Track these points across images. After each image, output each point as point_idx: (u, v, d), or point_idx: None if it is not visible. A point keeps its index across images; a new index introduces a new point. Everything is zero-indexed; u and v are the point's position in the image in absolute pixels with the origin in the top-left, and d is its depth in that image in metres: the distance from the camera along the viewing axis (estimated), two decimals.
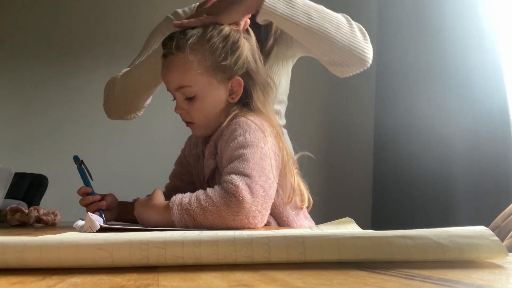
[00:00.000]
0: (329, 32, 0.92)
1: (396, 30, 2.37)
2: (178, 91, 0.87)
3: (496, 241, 0.33)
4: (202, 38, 0.85)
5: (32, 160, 2.70)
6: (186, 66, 0.84)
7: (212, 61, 0.85)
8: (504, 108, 1.77)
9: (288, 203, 0.87)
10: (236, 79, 0.87)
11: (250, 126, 0.81)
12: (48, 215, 1.08)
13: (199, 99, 0.87)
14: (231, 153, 0.79)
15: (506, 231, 0.80)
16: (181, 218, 0.73)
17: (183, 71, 0.85)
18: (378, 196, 2.47)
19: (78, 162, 0.90)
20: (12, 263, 0.32)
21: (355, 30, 0.95)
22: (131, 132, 2.85)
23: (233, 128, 0.82)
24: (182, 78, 0.85)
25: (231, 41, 0.87)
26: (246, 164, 0.75)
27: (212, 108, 0.88)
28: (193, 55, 0.84)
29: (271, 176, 0.77)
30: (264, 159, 0.77)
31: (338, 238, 0.34)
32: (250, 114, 0.86)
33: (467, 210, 1.88)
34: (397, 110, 2.28)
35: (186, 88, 0.86)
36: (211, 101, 0.87)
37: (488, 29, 1.84)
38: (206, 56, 0.84)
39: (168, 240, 0.33)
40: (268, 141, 0.80)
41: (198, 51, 0.84)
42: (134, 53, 1.29)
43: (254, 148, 0.77)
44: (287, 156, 0.86)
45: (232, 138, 0.81)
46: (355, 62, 0.97)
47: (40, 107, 2.83)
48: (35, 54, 2.87)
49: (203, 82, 0.85)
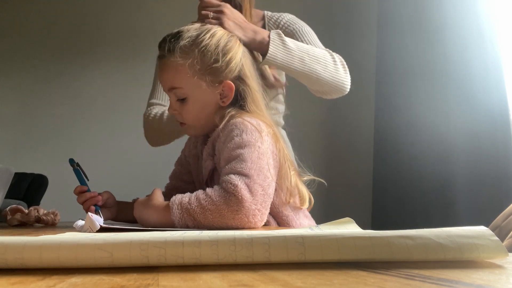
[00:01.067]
0: (318, 73, 1.07)
1: (396, 30, 2.37)
2: (170, 91, 0.90)
3: (496, 241, 0.33)
4: (194, 42, 0.87)
5: (32, 160, 2.70)
6: (177, 68, 0.87)
7: (202, 64, 0.86)
8: (504, 108, 1.77)
9: (285, 203, 0.87)
10: (227, 83, 0.88)
11: (247, 127, 0.82)
12: (48, 215, 1.08)
13: (190, 101, 0.89)
14: (228, 154, 0.79)
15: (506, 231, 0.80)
16: (181, 218, 0.73)
17: (174, 73, 0.87)
18: (378, 196, 2.47)
19: (73, 164, 0.92)
20: (12, 263, 0.32)
21: (338, 66, 1.11)
22: (131, 132, 2.85)
23: (230, 129, 0.83)
24: (173, 79, 0.88)
25: (222, 45, 0.88)
26: (244, 164, 0.76)
27: (201, 110, 0.90)
28: (184, 59, 0.86)
29: (269, 175, 0.78)
30: (262, 158, 0.78)
31: (338, 238, 0.34)
32: (247, 115, 0.87)
33: (467, 210, 1.88)
34: (397, 110, 2.28)
35: (177, 89, 0.88)
36: (201, 103, 0.89)
37: (488, 29, 1.84)
38: (196, 60, 0.86)
39: (168, 240, 0.33)
40: (265, 141, 0.81)
41: (189, 54, 0.87)
42: (134, 53, 1.29)
43: (251, 148, 0.78)
44: (284, 158, 0.87)
45: (229, 139, 0.81)
46: (336, 91, 1.15)
47: (40, 107, 2.83)
48: (35, 54, 2.87)
49: (193, 85, 0.87)
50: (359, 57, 2.74)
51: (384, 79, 2.47)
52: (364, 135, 2.68)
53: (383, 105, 2.47)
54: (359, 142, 2.73)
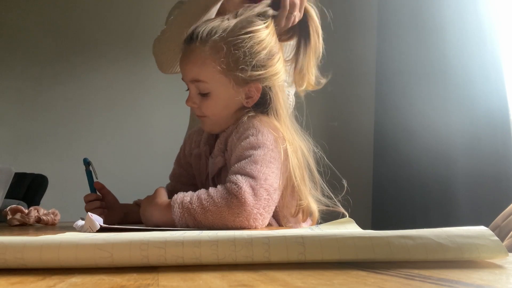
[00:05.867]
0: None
1: (396, 30, 2.37)
2: (192, 83, 0.84)
3: (496, 241, 0.33)
4: (229, 36, 0.81)
5: (32, 160, 2.70)
6: (206, 61, 0.81)
7: (233, 62, 0.81)
8: (504, 108, 1.77)
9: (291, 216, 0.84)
10: (256, 85, 0.84)
11: (264, 128, 0.80)
12: (48, 215, 1.08)
13: (213, 97, 0.84)
14: (241, 152, 0.78)
15: (506, 231, 0.80)
16: (181, 217, 0.72)
17: (201, 65, 0.82)
18: (378, 196, 2.47)
19: (86, 165, 0.92)
20: (12, 263, 0.32)
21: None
22: (131, 132, 2.86)
23: (246, 127, 0.81)
24: (199, 72, 0.82)
25: (261, 47, 0.82)
26: (254, 165, 0.74)
27: (224, 108, 0.86)
28: (214, 52, 0.81)
29: (278, 181, 0.76)
30: (273, 162, 0.76)
31: (338, 238, 0.34)
32: (267, 119, 0.84)
33: (467, 210, 1.88)
34: (397, 110, 2.28)
35: (201, 83, 0.83)
36: (225, 101, 0.85)
37: (488, 29, 1.84)
38: (228, 56, 0.81)
39: (168, 240, 0.33)
40: (279, 145, 0.78)
41: (221, 48, 0.80)
42: (135, 53, 1.29)
43: (264, 150, 0.76)
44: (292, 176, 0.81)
45: (244, 137, 0.79)
46: None
47: (40, 107, 2.83)
48: (35, 54, 2.87)
49: (219, 81, 0.82)
50: (359, 57, 2.75)
51: (384, 79, 2.47)
52: (364, 135, 2.68)
53: (383, 105, 2.47)
54: (359, 142, 2.73)
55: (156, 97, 2.84)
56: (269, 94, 0.86)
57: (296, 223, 0.88)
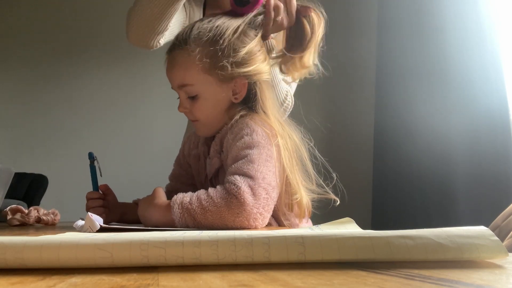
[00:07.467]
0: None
1: (396, 30, 2.37)
2: (180, 89, 0.86)
3: (496, 241, 0.33)
4: (207, 34, 0.83)
5: (32, 160, 2.70)
6: (188, 64, 0.83)
7: (213, 58, 0.83)
8: (504, 108, 1.77)
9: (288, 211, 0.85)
10: (241, 80, 0.86)
11: (258, 127, 0.81)
12: (48, 215, 1.08)
13: (201, 98, 0.86)
14: (236, 153, 0.78)
15: (506, 231, 0.80)
16: (181, 217, 0.72)
17: (185, 69, 0.84)
18: (378, 196, 2.47)
19: (91, 159, 0.91)
20: (12, 263, 0.32)
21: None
22: (131, 132, 2.86)
23: (240, 127, 0.81)
24: (183, 76, 0.84)
25: (236, 39, 0.84)
26: (251, 165, 0.74)
27: (213, 108, 0.87)
28: (196, 51, 0.82)
29: (275, 179, 0.77)
30: (270, 161, 0.77)
31: (338, 238, 0.34)
32: (258, 116, 0.85)
33: (467, 210, 1.88)
34: (397, 110, 2.28)
35: (188, 86, 0.85)
36: (213, 100, 0.86)
37: (488, 29, 1.84)
38: (208, 53, 0.83)
39: (168, 240, 0.33)
40: (274, 144, 0.79)
41: (203, 47, 0.83)
42: (134, 53, 1.29)
43: (260, 149, 0.77)
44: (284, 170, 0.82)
45: (238, 137, 0.80)
46: None
47: (40, 107, 2.83)
48: (35, 54, 2.87)
49: (205, 81, 0.84)
50: (359, 57, 2.75)
51: (384, 79, 2.47)
52: (364, 135, 2.68)
53: (383, 105, 2.47)
54: (359, 142, 2.73)
55: (156, 97, 2.84)
56: (254, 88, 0.88)
57: (294, 217, 0.88)
